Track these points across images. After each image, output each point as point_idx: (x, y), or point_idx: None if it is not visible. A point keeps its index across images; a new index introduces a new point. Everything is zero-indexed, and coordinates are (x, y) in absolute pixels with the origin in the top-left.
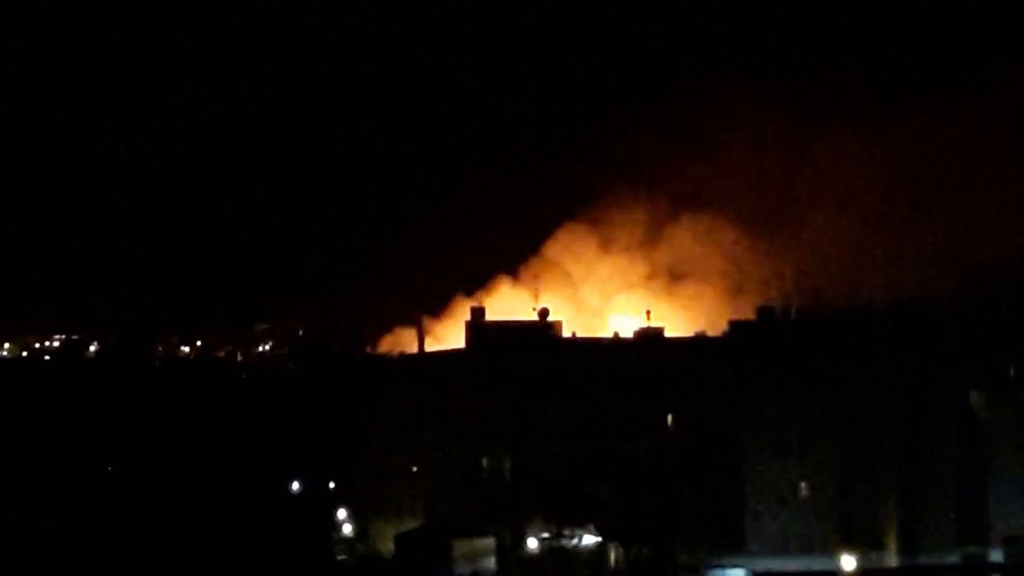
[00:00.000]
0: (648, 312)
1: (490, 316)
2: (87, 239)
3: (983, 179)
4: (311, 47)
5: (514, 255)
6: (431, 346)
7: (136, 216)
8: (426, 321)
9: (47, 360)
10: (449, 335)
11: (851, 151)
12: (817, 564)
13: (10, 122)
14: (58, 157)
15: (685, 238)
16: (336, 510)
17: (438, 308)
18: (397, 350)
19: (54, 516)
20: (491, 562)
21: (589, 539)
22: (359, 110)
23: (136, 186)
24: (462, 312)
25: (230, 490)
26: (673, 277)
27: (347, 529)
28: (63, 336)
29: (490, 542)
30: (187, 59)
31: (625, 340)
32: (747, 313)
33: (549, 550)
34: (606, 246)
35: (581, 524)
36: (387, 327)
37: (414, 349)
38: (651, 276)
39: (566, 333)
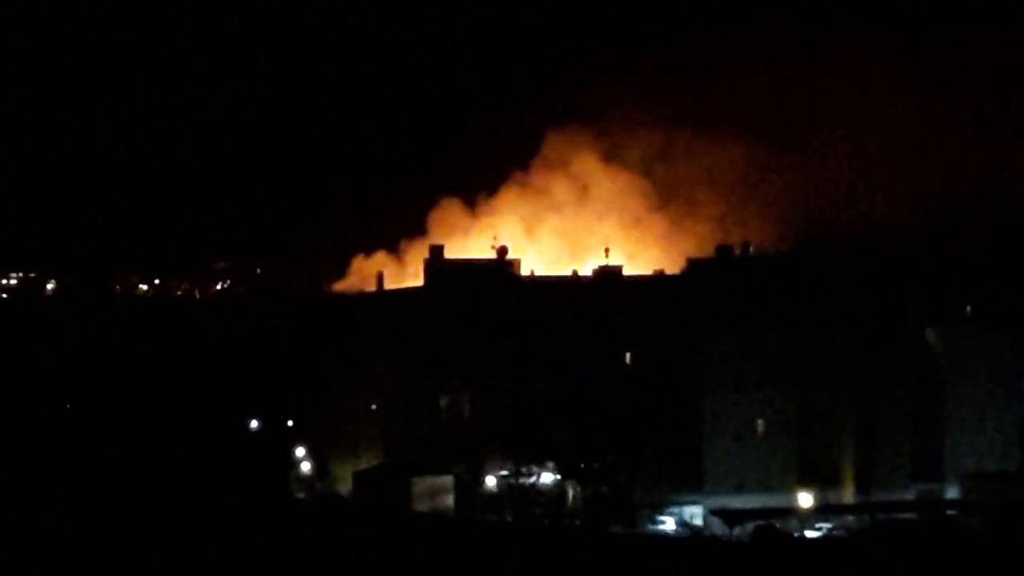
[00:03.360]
0: (607, 250)
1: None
2: (43, 177)
3: (994, 112)
4: None
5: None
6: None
7: (93, 155)
8: (403, 244)
9: (4, 298)
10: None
11: (863, 74)
12: (774, 501)
13: None
14: (18, 99)
15: (691, 156)
16: (294, 449)
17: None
18: (356, 288)
19: (13, 455)
20: (450, 499)
21: (548, 477)
22: (330, 44)
23: (94, 127)
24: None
25: (188, 429)
26: (676, 197)
27: (305, 467)
28: (20, 274)
29: (448, 480)
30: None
31: (584, 278)
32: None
33: (508, 488)
34: (609, 160)
35: (540, 462)
36: (368, 249)
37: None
38: (654, 196)
39: (524, 271)
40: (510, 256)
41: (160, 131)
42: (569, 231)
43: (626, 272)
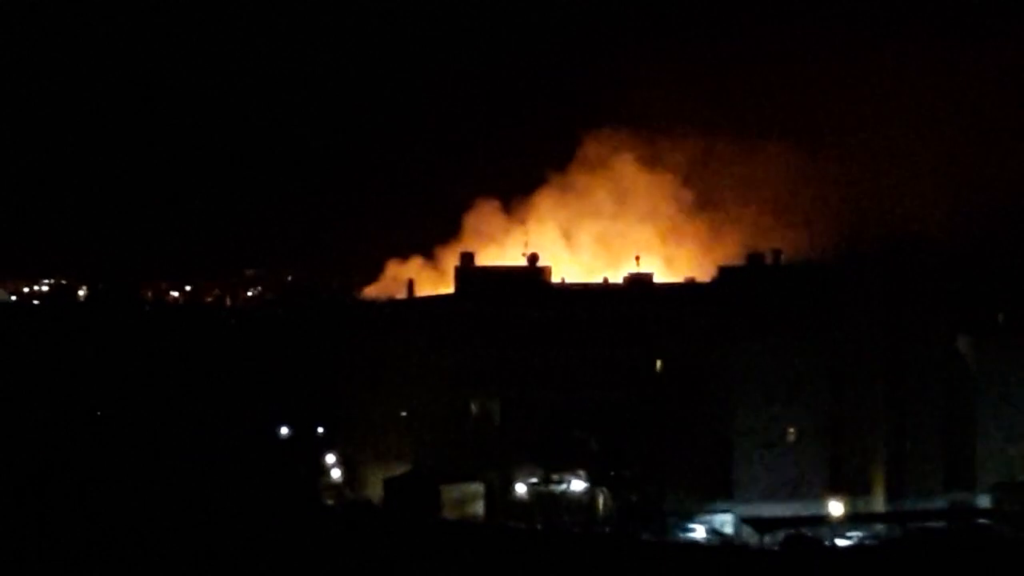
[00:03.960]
0: (637, 257)
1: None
2: (77, 185)
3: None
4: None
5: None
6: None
7: (126, 164)
8: (439, 249)
9: (37, 304)
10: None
11: (902, 77)
12: (805, 509)
13: None
14: (47, 106)
15: (731, 162)
16: (324, 455)
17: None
18: (389, 293)
19: (44, 460)
20: (479, 507)
21: (578, 485)
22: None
23: (126, 136)
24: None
25: (219, 435)
26: (715, 203)
27: (336, 474)
28: (52, 280)
29: (479, 487)
30: (173, 23)
31: (614, 286)
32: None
33: (537, 496)
34: (647, 164)
35: (570, 470)
36: (404, 254)
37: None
38: (692, 202)
39: (564, 276)
40: (547, 263)
41: (193, 138)
42: (607, 237)
43: (663, 279)
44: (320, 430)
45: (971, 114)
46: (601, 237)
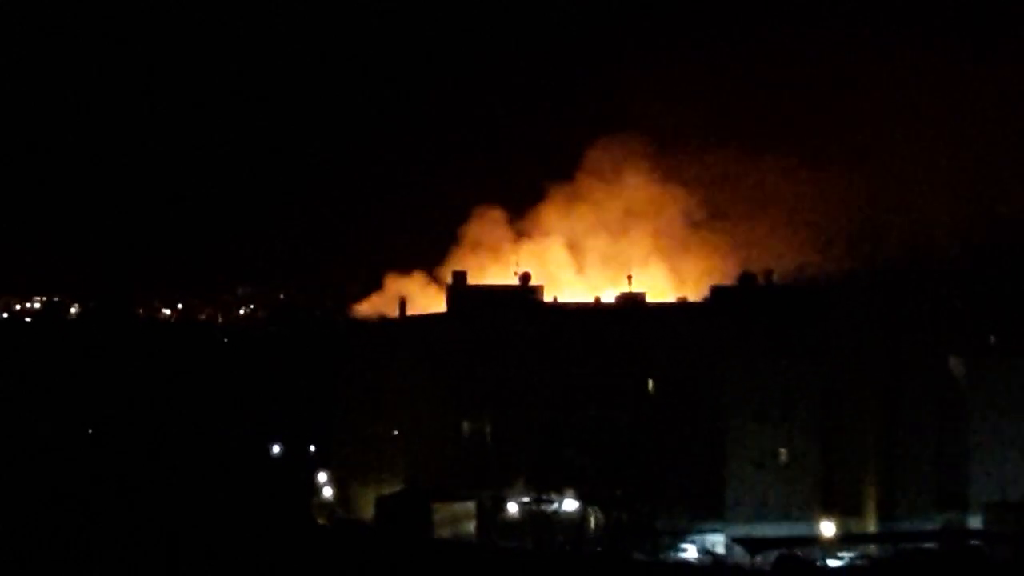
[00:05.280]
0: (629, 277)
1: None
2: (69, 202)
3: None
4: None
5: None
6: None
7: (118, 181)
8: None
9: (28, 321)
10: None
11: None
12: (797, 530)
13: None
14: (38, 123)
15: (742, 178)
16: (316, 474)
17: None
18: (377, 312)
19: (36, 477)
20: (471, 526)
21: (570, 504)
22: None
23: (119, 152)
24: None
25: (210, 453)
26: (726, 219)
27: (327, 493)
28: (44, 298)
29: (470, 506)
30: (171, 37)
31: (606, 305)
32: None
33: (529, 515)
34: (658, 178)
35: (561, 489)
36: (404, 268)
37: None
38: (702, 217)
39: (568, 293)
40: (553, 278)
41: (187, 154)
42: (614, 251)
43: (672, 296)
44: (312, 448)
45: (976, 133)
46: (608, 251)
